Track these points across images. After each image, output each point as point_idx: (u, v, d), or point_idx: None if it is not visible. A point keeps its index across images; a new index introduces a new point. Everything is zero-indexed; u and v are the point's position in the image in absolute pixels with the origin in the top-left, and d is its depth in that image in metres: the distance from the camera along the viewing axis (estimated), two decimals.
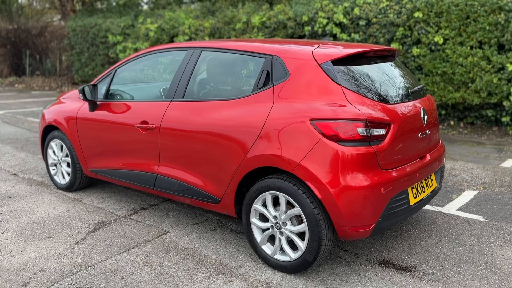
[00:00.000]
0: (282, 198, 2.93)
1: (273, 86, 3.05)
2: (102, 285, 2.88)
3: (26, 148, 6.56)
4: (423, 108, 3.23)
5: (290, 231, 2.94)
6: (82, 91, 3.98)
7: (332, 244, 2.93)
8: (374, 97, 2.91)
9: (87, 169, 4.40)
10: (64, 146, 4.54)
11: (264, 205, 3.07)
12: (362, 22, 8.38)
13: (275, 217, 3.00)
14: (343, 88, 2.85)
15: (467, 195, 4.53)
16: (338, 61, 2.97)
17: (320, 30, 8.90)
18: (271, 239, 3.13)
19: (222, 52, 3.50)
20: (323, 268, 3.08)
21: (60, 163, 4.67)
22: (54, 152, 4.73)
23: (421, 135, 3.17)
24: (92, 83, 4.27)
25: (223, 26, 11.01)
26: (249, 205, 3.12)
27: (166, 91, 3.77)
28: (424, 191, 3.22)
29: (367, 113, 2.77)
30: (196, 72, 3.57)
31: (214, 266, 3.13)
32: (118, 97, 4.14)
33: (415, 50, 7.94)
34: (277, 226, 3.00)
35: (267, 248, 3.10)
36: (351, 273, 3.03)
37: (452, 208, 4.20)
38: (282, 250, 3.04)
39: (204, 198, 3.42)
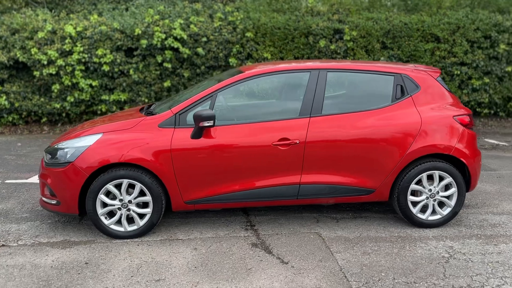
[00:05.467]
0: (437, 174, 4.14)
1: (411, 96, 4.18)
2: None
3: None
4: None
5: (442, 196, 4.20)
6: (214, 116, 3.72)
7: None
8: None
9: (181, 203, 3.98)
10: (138, 185, 3.86)
11: (417, 183, 4.17)
12: (203, 39, 9.26)
13: (430, 190, 4.17)
14: (451, 94, 4.33)
15: None
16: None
17: (159, 44, 9.16)
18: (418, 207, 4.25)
19: (349, 72, 4.23)
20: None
21: (126, 207, 3.90)
22: (112, 196, 3.88)
23: None
24: (183, 107, 3.94)
25: (8, 34, 9.32)
26: (407, 187, 4.14)
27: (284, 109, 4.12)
28: None
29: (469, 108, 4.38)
30: (327, 90, 4.13)
31: (399, 240, 4.00)
32: (226, 120, 4.02)
33: (249, 64, 9.55)
34: (432, 196, 4.19)
35: (420, 215, 4.22)
36: (459, 219, 4.52)
37: None
38: (433, 212, 4.23)
39: (357, 193, 4.13)
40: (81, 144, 3.88)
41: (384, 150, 4.07)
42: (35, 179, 5.74)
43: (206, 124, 3.78)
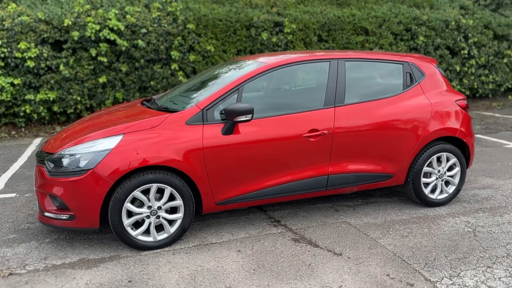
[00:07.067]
0: (444, 156, 4.41)
1: (419, 83, 4.38)
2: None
3: None
4: None
5: (448, 176, 4.48)
6: (252, 110, 3.50)
7: None
8: None
9: (212, 204, 3.70)
10: (168, 188, 3.49)
11: (428, 166, 4.39)
12: (142, 30, 8.68)
13: (438, 171, 4.42)
14: (446, 81, 4.62)
15: None
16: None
17: (93, 36, 8.39)
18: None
19: (364, 61, 4.27)
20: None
21: (155, 214, 3.50)
22: (137, 204, 3.46)
23: None
24: (210, 101, 3.67)
25: None
26: (420, 170, 4.34)
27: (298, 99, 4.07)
28: None
29: None
30: (347, 79, 4.12)
31: (421, 220, 4.17)
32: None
33: (192, 57, 9.19)
34: (441, 177, 4.44)
35: (431, 195, 4.46)
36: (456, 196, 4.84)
37: None
38: (441, 192, 4.49)
39: (378, 179, 4.23)
40: (99, 148, 3.37)
41: (404, 136, 4.20)
42: None
43: (242, 118, 3.54)
